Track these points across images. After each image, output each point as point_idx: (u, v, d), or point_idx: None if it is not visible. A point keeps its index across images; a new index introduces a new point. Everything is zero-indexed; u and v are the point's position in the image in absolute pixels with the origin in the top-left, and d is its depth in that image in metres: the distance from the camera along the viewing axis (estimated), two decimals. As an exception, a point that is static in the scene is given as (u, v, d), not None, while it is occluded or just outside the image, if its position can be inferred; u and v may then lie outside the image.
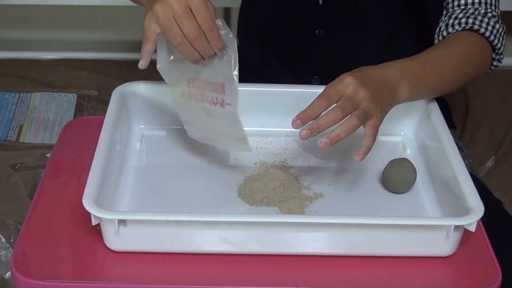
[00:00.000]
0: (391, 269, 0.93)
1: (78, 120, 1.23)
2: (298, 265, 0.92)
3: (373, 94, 0.96)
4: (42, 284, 0.88)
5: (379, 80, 1.00)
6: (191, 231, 0.91)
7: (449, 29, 1.14)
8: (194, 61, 0.95)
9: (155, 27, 0.94)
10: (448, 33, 1.14)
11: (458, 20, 1.13)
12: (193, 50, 0.93)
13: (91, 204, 0.88)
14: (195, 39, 0.92)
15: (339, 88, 0.95)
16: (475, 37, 1.13)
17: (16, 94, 1.75)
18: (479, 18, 1.12)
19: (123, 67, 1.88)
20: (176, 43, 0.93)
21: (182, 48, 0.93)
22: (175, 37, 0.92)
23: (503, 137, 1.69)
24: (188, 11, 0.91)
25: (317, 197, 1.02)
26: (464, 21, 1.13)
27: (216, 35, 0.93)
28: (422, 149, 1.11)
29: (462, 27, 1.12)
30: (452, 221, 0.91)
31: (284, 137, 1.13)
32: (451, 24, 1.14)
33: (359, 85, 0.95)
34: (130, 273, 0.91)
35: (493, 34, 1.13)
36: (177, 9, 0.91)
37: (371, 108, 0.96)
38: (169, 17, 0.91)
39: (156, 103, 1.13)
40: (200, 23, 0.92)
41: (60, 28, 2.04)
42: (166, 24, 0.92)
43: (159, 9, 0.92)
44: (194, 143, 1.12)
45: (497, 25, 1.13)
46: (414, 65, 1.06)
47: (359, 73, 0.98)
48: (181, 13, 0.91)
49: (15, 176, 1.48)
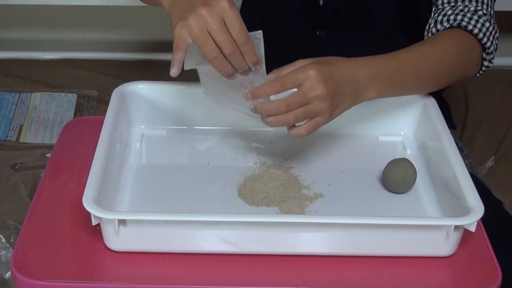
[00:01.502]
0: (391, 269, 0.93)
1: (78, 120, 1.23)
2: (298, 265, 0.92)
3: (330, 93, 0.95)
4: (42, 284, 0.88)
5: (345, 77, 0.99)
6: (191, 231, 0.91)
7: (438, 26, 1.12)
8: (227, 75, 0.94)
9: (186, 37, 0.91)
10: (437, 30, 1.12)
11: (447, 17, 1.12)
12: (228, 65, 0.92)
13: (91, 204, 0.88)
14: (231, 54, 0.91)
15: (298, 77, 0.95)
16: (462, 34, 1.11)
17: (16, 94, 1.75)
18: (468, 15, 1.10)
19: (123, 67, 1.89)
20: (211, 57, 0.91)
21: (217, 63, 0.92)
22: (210, 51, 0.90)
23: (503, 137, 1.69)
24: (222, 25, 0.90)
25: (317, 197, 1.02)
26: (452, 17, 1.11)
27: (251, 49, 0.92)
28: (422, 149, 1.11)
29: (450, 23, 1.11)
30: (452, 221, 0.91)
31: (284, 137, 1.13)
32: (440, 21, 1.12)
33: (319, 82, 0.94)
34: (130, 273, 0.91)
35: (482, 32, 1.10)
36: (211, 23, 0.89)
37: (321, 108, 0.95)
38: (204, 30, 0.90)
39: (156, 103, 1.13)
40: (235, 37, 0.90)
41: (60, 28, 2.04)
42: (200, 38, 0.90)
43: (193, 21, 0.90)
44: (194, 143, 1.12)
45: (487, 23, 1.11)
46: (388, 64, 1.04)
47: (326, 67, 0.97)
48: (216, 27, 0.89)
49: (15, 176, 1.48)
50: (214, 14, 0.89)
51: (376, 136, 1.15)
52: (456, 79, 1.13)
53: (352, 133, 1.15)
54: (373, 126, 1.15)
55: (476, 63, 1.13)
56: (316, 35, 1.25)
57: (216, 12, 0.89)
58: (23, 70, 1.84)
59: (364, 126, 1.15)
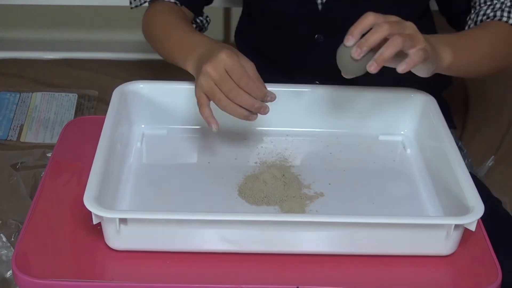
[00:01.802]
0: (391, 268, 0.93)
1: (78, 119, 1.24)
2: (299, 264, 0.92)
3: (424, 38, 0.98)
4: (43, 283, 0.88)
5: (427, 39, 1.00)
6: (192, 230, 0.91)
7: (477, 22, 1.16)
8: (245, 117, 0.99)
9: (202, 95, 0.99)
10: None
11: (487, 16, 1.15)
12: (239, 108, 0.98)
13: (92, 203, 0.88)
14: (236, 97, 0.97)
15: (386, 17, 0.98)
16: (505, 26, 1.14)
17: (16, 94, 1.75)
18: (506, 10, 1.14)
19: (123, 67, 1.88)
20: (222, 106, 0.98)
21: (229, 109, 0.98)
22: (219, 101, 0.98)
23: (503, 137, 1.69)
24: (224, 75, 0.97)
25: (318, 196, 1.02)
26: (492, 14, 1.14)
27: (254, 86, 0.98)
28: (422, 148, 1.12)
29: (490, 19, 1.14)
30: (452, 220, 0.91)
31: (285, 136, 1.14)
32: (480, 21, 1.16)
33: (412, 26, 0.97)
34: (131, 272, 0.91)
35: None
36: (214, 75, 0.97)
37: (419, 37, 0.97)
38: (211, 84, 0.98)
39: (156, 103, 1.13)
40: (237, 81, 0.97)
41: (60, 28, 2.04)
42: (209, 92, 0.98)
43: (202, 80, 0.98)
44: (194, 143, 1.13)
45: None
46: (453, 37, 1.09)
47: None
48: (218, 78, 0.97)
49: (16, 176, 1.48)
50: (216, 67, 0.97)
51: (377, 136, 1.15)
52: (505, 66, 1.16)
53: (352, 132, 1.15)
54: (373, 126, 1.15)
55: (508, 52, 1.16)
56: (314, 39, 1.25)
57: (217, 66, 0.97)
58: (23, 70, 1.84)
59: (364, 125, 1.15)
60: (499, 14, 1.14)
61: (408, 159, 1.11)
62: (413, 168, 1.09)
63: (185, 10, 1.26)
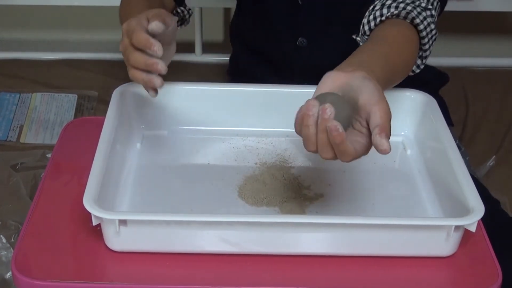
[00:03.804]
0: (391, 269, 0.93)
1: (78, 120, 1.23)
2: (298, 265, 0.92)
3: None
4: (42, 284, 0.88)
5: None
6: (192, 231, 0.91)
7: (384, 10, 1.05)
8: (145, 83, 1.00)
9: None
10: (381, 14, 1.05)
11: (397, 3, 1.05)
12: (138, 72, 0.99)
13: (91, 204, 0.88)
14: (130, 57, 0.98)
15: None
16: (408, 28, 1.05)
17: (16, 94, 1.75)
18: (418, 9, 1.05)
19: (123, 67, 1.87)
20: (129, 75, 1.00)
21: (131, 75, 1.00)
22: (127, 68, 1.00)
23: (503, 137, 1.69)
24: (125, 37, 0.99)
25: (318, 197, 1.02)
26: (402, 6, 1.05)
27: (140, 37, 0.96)
28: (422, 149, 1.11)
29: (398, 10, 1.04)
30: (452, 221, 0.91)
31: (285, 137, 1.13)
32: (388, 5, 1.05)
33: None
34: (130, 273, 0.91)
35: (426, 31, 1.05)
36: (122, 42, 0.99)
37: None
38: (123, 51, 1.00)
39: (156, 104, 1.13)
40: (131, 40, 0.97)
41: (60, 28, 2.04)
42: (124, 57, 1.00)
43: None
44: (194, 144, 1.13)
45: (432, 25, 1.06)
46: (368, 57, 0.97)
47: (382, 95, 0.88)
48: (122, 44, 0.99)
49: (16, 177, 1.48)
50: (123, 33, 0.99)
51: (377, 136, 1.15)
52: (409, 69, 1.07)
53: (352, 133, 1.15)
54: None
55: (414, 60, 1.08)
56: (296, 43, 1.25)
57: (123, 31, 0.99)
58: (23, 70, 1.84)
59: (364, 126, 1.15)
60: (409, 8, 1.04)
61: (408, 160, 1.11)
62: (413, 169, 1.09)
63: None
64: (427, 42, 1.07)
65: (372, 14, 1.07)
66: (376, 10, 1.07)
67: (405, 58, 1.04)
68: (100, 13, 2.00)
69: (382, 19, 1.06)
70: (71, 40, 2.03)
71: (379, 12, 1.06)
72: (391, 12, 1.05)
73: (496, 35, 2.02)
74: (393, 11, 1.05)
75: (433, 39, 1.08)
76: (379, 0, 1.08)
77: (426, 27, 1.05)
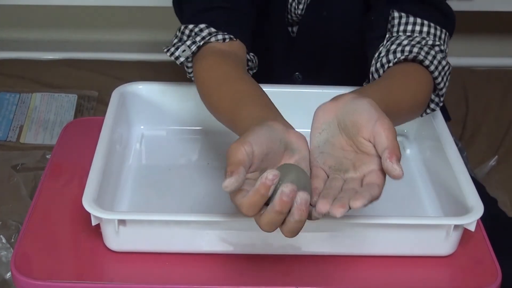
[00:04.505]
0: (391, 269, 0.93)
1: (78, 120, 1.24)
2: (298, 265, 0.92)
3: None
4: (42, 285, 0.88)
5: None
6: (191, 231, 0.91)
7: (390, 56, 1.00)
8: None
9: None
10: (388, 60, 1.00)
11: (402, 47, 1.00)
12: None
13: (91, 205, 0.88)
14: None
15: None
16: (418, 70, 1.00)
17: (16, 94, 1.75)
18: (425, 49, 1.00)
19: (123, 67, 1.89)
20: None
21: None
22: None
23: (503, 137, 1.69)
24: None
25: (317, 197, 1.02)
26: (408, 49, 1.00)
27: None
28: (421, 149, 1.11)
29: (405, 55, 0.99)
30: (451, 220, 0.91)
31: (284, 137, 1.13)
32: (393, 51, 1.01)
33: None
34: (130, 273, 0.91)
35: (438, 70, 1.00)
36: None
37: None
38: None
39: (155, 104, 1.13)
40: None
41: (60, 28, 2.04)
42: None
43: None
44: (193, 144, 1.13)
45: (443, 61, 1.01)
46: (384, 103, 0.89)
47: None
48: None
49: (16, 177, 1.48)
50: None
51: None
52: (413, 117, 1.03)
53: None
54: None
55: (426, 102, 1.03)
56: (293, 77, 1.25)
57: None
58: (23, 70, 1.84)
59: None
60: (415, 51, 0.99)
61: (408, 160, 1.11)
62: (413, 169, 1.09)
63: (235, 47, 1.06)
64: (442, 81, 1.02)
65: (379, 62, 1.02)
66: (382, 57, 1.02)
67: (413, 91, 0.99)
68: (100, 13, 2.00)
69: (390, 65, 1.01)
70: (71, 40, 2.03)
71: (386, 59, 1.01)
72: (398, 57, 1.00)
73: (496, 35, 2.02)
74: (400, 56, 1.00)
75: (447, 74, 1.03)
76: (383, 46, 1.04)
77: (437, 66, 1.00)
